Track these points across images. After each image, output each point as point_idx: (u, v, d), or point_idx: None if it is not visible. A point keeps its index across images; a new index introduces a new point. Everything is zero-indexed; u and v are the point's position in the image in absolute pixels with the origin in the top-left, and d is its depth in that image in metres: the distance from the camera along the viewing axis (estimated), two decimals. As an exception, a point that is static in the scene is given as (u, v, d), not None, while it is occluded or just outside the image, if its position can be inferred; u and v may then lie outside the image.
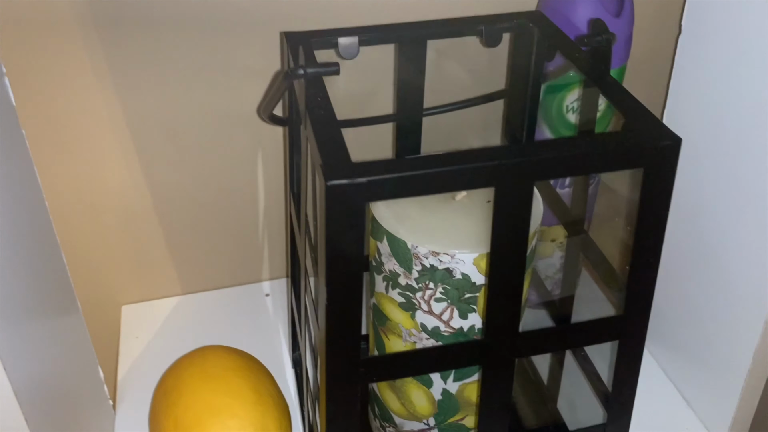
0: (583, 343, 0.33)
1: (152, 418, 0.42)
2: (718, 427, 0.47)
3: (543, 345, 0.32)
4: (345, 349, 0.30)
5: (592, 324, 0.33)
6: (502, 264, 0.29)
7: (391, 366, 0.31)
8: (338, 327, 0.29)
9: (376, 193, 0.26)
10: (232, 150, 0.53)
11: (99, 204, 0.53)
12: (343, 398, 0.31)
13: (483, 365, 0.32)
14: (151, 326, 0.56)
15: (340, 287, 0.28)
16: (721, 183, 0.43)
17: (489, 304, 0.31)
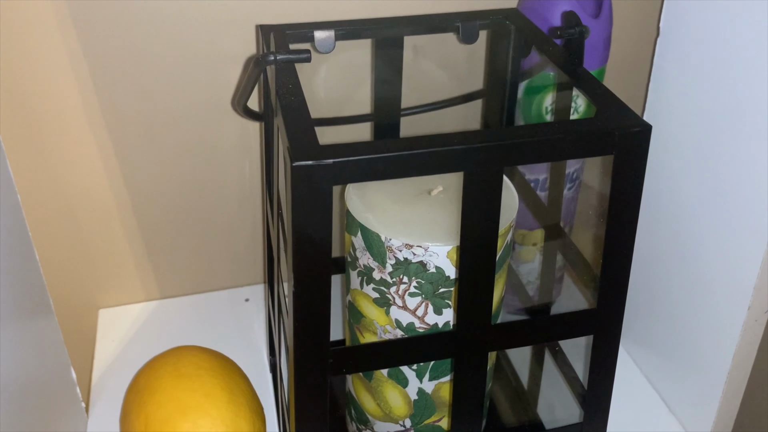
0: (557, 336, 0.33)
1: (123, 417, 0.41)
2: (699, 431, 0.46)
3: (516, 338, 0.32)
4: (313, 337, 0.29)
5: (566, 317, 0.32)
6: (473, 252, 0.29)
7: (360, 357, 0.31)
8: (306, 313, 0.29)
9: (342, 175, 0.26)
10: (211, 153, 0.53)
11: (76, 204, 0.52)
12: (311, 389, 0.31)
13: (455, 358, 0.32)
14: (128, 330, 0.55)
15: (307, 272, 0.27)
16: (699, 183, 0.43)
17: (461, 293, 0.30)
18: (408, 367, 0.38)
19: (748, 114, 0.39)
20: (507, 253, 0.37)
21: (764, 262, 0.39)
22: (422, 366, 0.38)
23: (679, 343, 0.47)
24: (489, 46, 0.45)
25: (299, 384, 0.31)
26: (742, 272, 0.41)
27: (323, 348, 0.30)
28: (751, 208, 0.40)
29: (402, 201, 0.37)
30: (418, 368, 0.38)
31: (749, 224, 0.40)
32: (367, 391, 0.41)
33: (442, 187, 0.38)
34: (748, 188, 0.40)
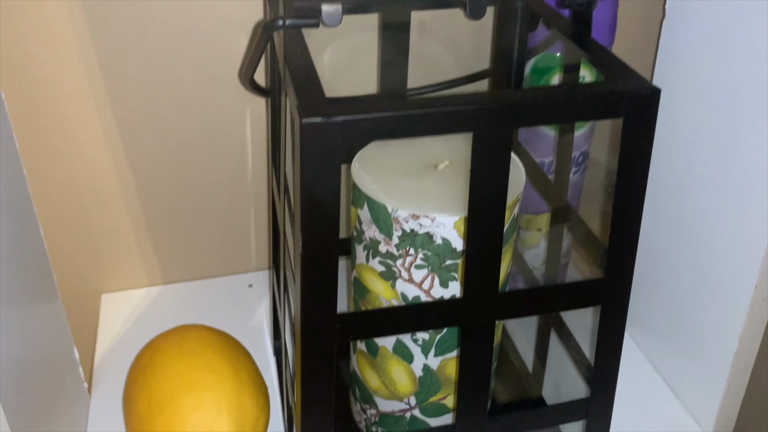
0: (564, 306, 0.33)
1: (126, 393, 0.41)
2: (704, 417, 0.46)
3: (523, 307, 0.32)
4: (321, 302, 0.29)
5: (573, 286, 0.32)
6: (482, 217, 0.29)
7: (367, 322, 0.31)
8: (314, 277, 0.28)
9: (351, 134, 0.26)
10: (217, 136, 0.53)
11: (80, 190, 0.52)
12: (319, 357, 0.31)
13: (462, 326, 0.32)
14: (131, 315, 0.55)
15: (316, 233, 0.27)
16: (705, 164, 0.43)
17: (468, 260, 0.30)
18: (413, 342, 0.38)
19: (755, 94, 0.39)
20: (513, 228, 0.37)
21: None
22: (427, 341, 0.38)
23: (684, 327, 0.47)
24: (496, 23, 0.45)
25: (306, 351, 0.31)
26: (748, 251, 0.40)
27: (330, 313, 0.30)
28: (757, 188, 0.39)
29: (409, 175, 0.37)
30: (424, 343, 0.38)
31: (756, 203, 0.40)
32: (372, 369, 0.41)
33: (449, 162, 0.38)
34: (754, 169, 0.40)
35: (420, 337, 0.38)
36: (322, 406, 0.32)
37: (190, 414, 0.38)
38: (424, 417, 0.41)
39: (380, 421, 0.42)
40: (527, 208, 0.51)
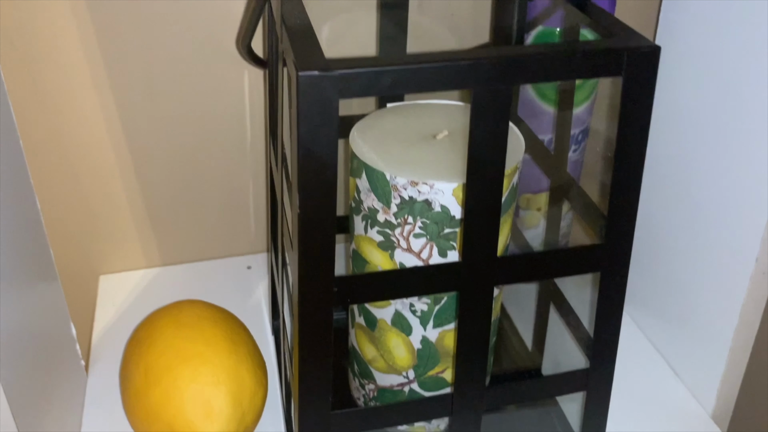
0: (564, 272, 0.32)
1: (123, 369, 0.41)
2: (705, 395, 0.46)
3: (522, 272, 0.32)
4: (318, 266, 0.29)
5: (573, 251, 0.32)
6: (481, 177, 0.29)
7: (365, 286, 0.30)
8: (311, 238, 0.28)
9: (349, 88, 0.25)
10: (215, 116, 0.52)
11: (79, 171, 0.52)
12: (316, 321, 0.30)
13: (461, 291, 0.31)
14: (129, 296, 0.55)
15: (313, 190, 0.27)
16: (706, 140, 0.43)
17: (467, 223, 0.30)
18: (412, 314, 0.38)
19: (756, 66, 0.39)
20: (512, 197, 0.37)
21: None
22: (426, 312, 0.38)
23: (684, 305, 0.47)
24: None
25: (304, 315, 0.30)
26: (748, 224, 0.40)
27: (328, 276, 0.30)
28: (758, 162, 0.39)
29: (407, 144, 0.37)
30: (422, 314, 0.38)
31: (756, 176, 0.39)
32: (370, 343, 0.41)
33: (448, 132, 0.38)
34: (755, 143, 0.39)
35: (418, 308, 0.38)
36: (320, 371, 0.32)
37: (187, 386, 0.38)
38: (422, 391, 0.40)
39: (378, 396, 0.42)
40: (527, 187, 0.51)
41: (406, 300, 0.38)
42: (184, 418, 0.37)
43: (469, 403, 0.35)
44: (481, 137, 0.28)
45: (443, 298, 0.37)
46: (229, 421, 0.38)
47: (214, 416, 0.38)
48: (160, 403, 0.38)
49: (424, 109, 0.40)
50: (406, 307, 0.38)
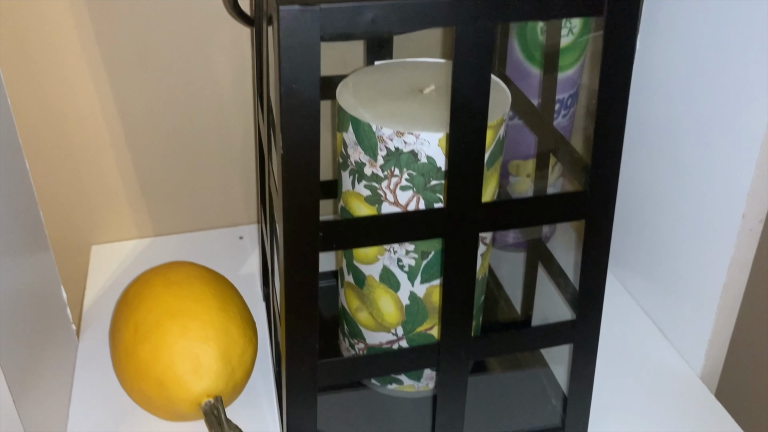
0: (548, 219, 0.32)
1: (112, 329, 0.41)
2: (693, 356, 0.46)
3: (506, 217, 0.32)
4: (303, 209, 0.29)
5: (558, 198, 0.32)
6: (465, 118, 0.29)
7: (350, 231, 0.31)
8: (295, 180, 0.28)
9: (330, 23, 0.26)
10: (207, 86, 0.52)
11: (70, 141, 0.52)
12: (303, 268, 0.31)
13: (445, 237, 0.32)
14: (120, 266, 0.55)
15: (296, 129, 0.27)
16: (692, 92, 0.43)
17: (451, 168, 0.30)
18: (400, 269, 0.38)
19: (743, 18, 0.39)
20: (499, 150, 0.37)
21: (759, 166, 0.39)
22: (414, 267, 0.38)
23: (671, 265, 0.47)
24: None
25: (290, 261, 0.31)
26: (734, 179, 0.40)
27: (313, 221, 0.30)
28: (743, 112, 0.39)
29: (394, 98, 0.37)
30: (410, 270, 0.38)
31: (741, 129, 0.40)
32: (360, 301, 0.41)
33: (435, 87, 0.38)
34: (740, 94, 0.39)
35: (406, 264, 0.38)
36: (307, 319, 0.32)
37: (176, 342, 0.38)
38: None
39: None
40: (516, 153, 0.51)
41: (393, 255, 0.38)
42: (173, 373, 0.38)
43: (455, 353, 0.35)
44: (465, 76, 0.28)
45: (430, 253, 0.38)
46: (218, 377, 0.38)
47: (203, 372, 0.38)
48: (149, 359, 0.38)
49: (412, 66, 0.40)
50: (393, 262, 0.38)
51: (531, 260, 0.45)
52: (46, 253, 0.44)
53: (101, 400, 0.43)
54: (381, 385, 0.43)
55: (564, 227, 0.58)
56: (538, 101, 0.48)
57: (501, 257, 0.55)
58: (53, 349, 0.43)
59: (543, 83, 0.43)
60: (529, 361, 0.46)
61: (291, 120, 0.27)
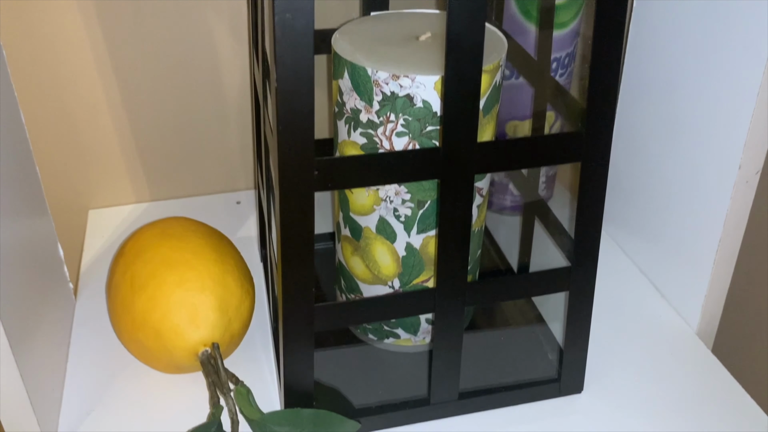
0: (545, 161, 0.32)
1: (109, 282, 0.41)
2: (690, 312, 0.46)
3: (502, 159, 0.32)
4: (298, 148, 0.29)
5: (553, 139, 0.32)
6: (460, 55, 0.29)
7: (346, 169, 0.31)
8: (290, 114, 0.28)
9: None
10: (205, 50, 0.52)
11: (68, 105, 0.52)
12: (298, 207, 0.31)
13: (440, 177, 0.32)
14: (117, 229, 0.55)
15: (290, 64, 0.27)
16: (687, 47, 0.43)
17: (447, 105, 0.30)
18: (396, 219, 0.38)
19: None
20: (495, 97, 0.37)
21: (755, 116, 0.39)
22: (410, 217, 0.38)
23: (666, 221, 0.47)
24: None
25: (285, 200, 0.31)
26: (730, 129, 0.40)
27: (308, 159, 0.30)
28: (739, 63, 0.39)
29: (390, 44, 0.37)
30: (406, 219, 0.38)
31: (735, 81, 0.39)
32: (356, 254, 0.41)
33: (431, 34, 0.38)
34: (737, 43, 0.39)
35: (402, 213, 0.38)
36: (302, 261, 0.32)
37: (173, 292, 0.38)
38: (408, 300, 0.41)
39: (365, 308, 0.42)
40: (514, 113, 0.51)
41: (390, 205, 0.38)
42: (170, 322, 0.38)
43: (451, 298, 0.35)
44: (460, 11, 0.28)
45: (426, 202, 0.37)
46: (215, 327, 0.38)
47: (199, 321, 0.38)
48: (146, 309, 0.38)
49: (408, 16, 0.40)
50: (390, 212, 0.38)
51: (528, 216, 0.45)
52: (44, 211, 0.44)
53: (98, 357, 0.43)
54: (378, 339, 0.43)
55: (561, 193, 0.58)
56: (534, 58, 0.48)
57: (499, 221, 0.55)
58: (51, 305, 0.43)
59: (539, 39, 0.42)
60: (526, 317, 0.46)
61: (285, 51, 0.27)
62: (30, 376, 0.36)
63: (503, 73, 0.37)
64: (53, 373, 0.41)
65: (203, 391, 0.41)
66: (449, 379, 0.38)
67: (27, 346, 0.36)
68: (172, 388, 0.41)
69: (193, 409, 0.40)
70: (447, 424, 0.40)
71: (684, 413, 0.40)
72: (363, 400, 0.40)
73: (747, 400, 0.41)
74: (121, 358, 0.43)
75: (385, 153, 0.31)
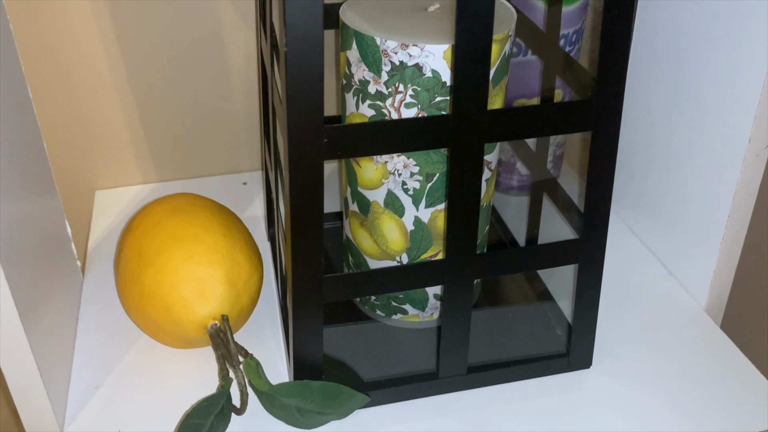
0: (555, 129, 0.32)
1: (117, 257, 0.41)
2: (698, 289, 0.46)
3: (513, 127, 0.32)
4: (307, 112, 0.29)
5: (563, 107, 0.32)
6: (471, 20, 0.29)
7: (355, 137, 0.30)
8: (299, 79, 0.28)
9: None
10: (211, 30, 0.52)
11: (75, 86, 0.52)
12: (307, 176, 0.31)
13: (450, 146, 0.32)
14: (124, 210, 0.55)
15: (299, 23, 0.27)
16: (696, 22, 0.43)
17: (457, 72, 0.30)
18: (404, 193, 0.38)
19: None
20: (505, 68, 0.37)
21: (765, 90, 0.39)
22: (418, 190, 0.38)
23: (674, 198, 0.46)
24: None
25: (294, 169, 0.30)
26: (741, 103, 0.40)
27: (318, 126, 0.30)
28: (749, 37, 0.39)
29: (398, 15, 0.37)
30: (415, 193, 0.38)
31: (747, 51, 0.39)
32: (364, 229, 0.41)
33: (439, 5, 0.37)
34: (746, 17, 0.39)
35: (411, 186, 0.38)
36: (311, 230, 0.32)
37: (181, 265, 0.38)
38: (416, 274, 0.40)
39: (373, 284, 0.42)
40: (521, 91, 0.51)
41: (398, 178, 0.38)
42: (179, 295, 0.38)
43: (460, 269, 0.35)
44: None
45: (435, 175, 0.37)
46: (224, 300, 0.38)
47: (208, 294, 0.38)
48: (155, 283, 0.38)
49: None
50: (398, 185, 0.38)
51: (536, 193, 0.45)
52: (52, 189, 0.44)
53: (106, 334, 0.43)
54: (386, 315, 0.43)
55: (567, 173, 0.58)
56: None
57: (506, 201, 0.55)
58: (59, 283, 0.43)
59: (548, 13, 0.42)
60: (533, 294, 0.46)
61: (294, 15, 0.27)
62: (40, 352, 0.36)
63: (512, 44, 0.37)
64: (62, 348, 0.41)
65: (211, 366, 0.41)
66: (458, 352, 0.38)
67: (37, 322, 0.36)
68: (179, 363, 0.41)
69: (200, 384, 0.40)
70: (455, 398, 0.40)
71: (692, 388, 0.40)
72: (371, 375, 0.40)
73: (756, 374, 0.41)
74: (129, 335, 0.43)
75: (395, 120, 0.31)
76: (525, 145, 0.45)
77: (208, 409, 0.34)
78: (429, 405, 0.39)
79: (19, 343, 0.34)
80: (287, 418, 0.37)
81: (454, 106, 0.31)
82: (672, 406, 0.39)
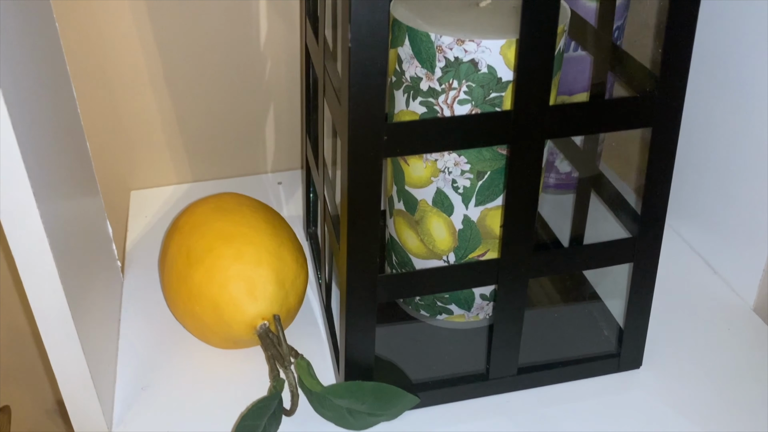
0: (616, 125, 0.32)
1: (163, 257, 0.41)
2: (746, 287, 0.45)
3: (573, 123, 0.31)
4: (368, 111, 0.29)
5: (624, 102, 0.31)
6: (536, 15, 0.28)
7: (415, 134, 0.30)
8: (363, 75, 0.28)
9: None
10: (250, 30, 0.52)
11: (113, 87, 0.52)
12: (367, 174, 0.30)
13: (510, 142, 0.31)
14: (160, 210, 0.55)
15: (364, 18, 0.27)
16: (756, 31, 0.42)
17: (520, 68, 0.29)
18: (454, 191, 0.38)
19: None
20: (558, 64, 0.36)
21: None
22: (468, 188, 0.37)
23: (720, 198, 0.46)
24: None
25: (354, 165, 0.30)
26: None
27: (378, 122, 0.29)
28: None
29: (450, 11, 0.36)
30: (465, 191, 0.37)
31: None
32: (410, 228, 0.40)
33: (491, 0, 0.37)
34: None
35: (461, 185, 0.37)
36: (368, 228, 0.31)
37: (231, 264, 0.38)
38: (464, 274, 0.40)
39: (419, 283, 0.42)
40: (564, 88, 0.50)
41: (448, 176, 0.37)
42: (229, 294, 0.37)
43: (515, 269, 0.34)
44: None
45: (486, 173, 0.37)
46: (273, 301, 0.38)
47: (257, 294, 0.38)
48: (204, 282, 0.38)
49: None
50: (448, 183, 0.37)
51: (582, 190, 0.44)
52: (95, 190, 0.44)
53: (148, 334, 0.43)
54: (430, 315, 0.43)
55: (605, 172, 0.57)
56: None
57: (542, 200, 0.54)
58: (102, 283, 0.42)
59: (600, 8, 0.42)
60: (580, 294, 0.45)
61: (359, 9, 0.26)
62: (90, 353, 0.36)
63: (566, 40, 0.36)
64: (108, 349, 0.41)
65: (255, 366, 0.40)
66: (509, 353, 0.38)
67: (85, 324, 0.36)
68: (223, 363, 0.41)
69: (247, 385, 0.40)
70: (504, 400, 0.39)
71: (743, 387, 0.40)
72: (419, 376, 0.39)
73: (810, 374, 0.40)
74: (171, 335, 0.43)
75: (455, 117, 0.30)
76: (571, 142, 0.45)
77: (262, 411, 0.34)
78: (478, 406, 0.39)
79: (71, 346, 0.34)
80: (337, 419, 0.37)
81: (515, 102, 0.30)
82: (723, 404, 0.39)
